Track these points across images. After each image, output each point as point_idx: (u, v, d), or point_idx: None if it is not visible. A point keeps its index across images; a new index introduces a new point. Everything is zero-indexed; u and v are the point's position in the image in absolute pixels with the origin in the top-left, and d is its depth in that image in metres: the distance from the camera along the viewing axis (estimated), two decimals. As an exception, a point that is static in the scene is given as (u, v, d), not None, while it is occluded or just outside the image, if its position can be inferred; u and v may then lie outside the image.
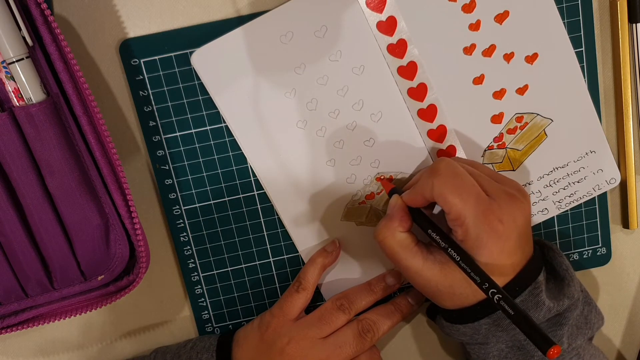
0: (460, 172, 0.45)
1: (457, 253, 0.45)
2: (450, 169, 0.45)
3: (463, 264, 0.44)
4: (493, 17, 0.49)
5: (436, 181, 0.45)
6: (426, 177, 0.46)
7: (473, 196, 0.44)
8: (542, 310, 0.46)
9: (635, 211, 0.55)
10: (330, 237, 0.53)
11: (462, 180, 0.45)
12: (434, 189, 0.45)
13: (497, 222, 0.44)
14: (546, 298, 0.46)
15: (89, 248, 0.48)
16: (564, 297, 0.47)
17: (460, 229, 0.45)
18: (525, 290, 0.46)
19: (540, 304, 0.46)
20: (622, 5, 0.50)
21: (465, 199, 0.44)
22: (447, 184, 0.45)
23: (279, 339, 0.50)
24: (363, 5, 0.48)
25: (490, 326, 0.47)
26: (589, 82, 0.52)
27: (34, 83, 0.44)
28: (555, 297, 0.47)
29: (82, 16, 0.48)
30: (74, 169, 0.45)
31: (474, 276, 0.43)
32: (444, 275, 0.46)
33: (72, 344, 0.55)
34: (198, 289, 0.54)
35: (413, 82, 0.50)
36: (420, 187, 0.46)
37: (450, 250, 0.45)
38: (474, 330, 0.47)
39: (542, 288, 0.46)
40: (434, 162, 0.47)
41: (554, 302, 0.46)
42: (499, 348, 0.48)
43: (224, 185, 0.52)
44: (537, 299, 0.46)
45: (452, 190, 0.44)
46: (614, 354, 0.60)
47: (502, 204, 0.44)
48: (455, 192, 0.44)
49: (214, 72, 0.48)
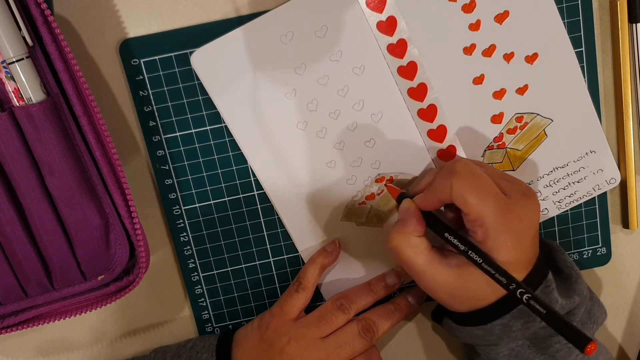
0: (478, 172, 0.45)
1: (478, 255, 0.44)
2: (468, 169, 0.45)
3: (486, 266, 0.43)
4: (493, 17, 0.49)
5: (455, 181, 0.44)
6: (443, 178, 0.45)
7: (492, 196, 0.44)
8: (556, 307, 0.46)
9: (635, 211, 0.55)
10: (330, 237, 0.53)
11: (480, 180, 0.44)
12: (452, 189, 0.44)
13: (517, 221, 0.44)
14: (558, 296, 0.46)
15: (89, 248, 0.48)
16: (574, 294, 0.47)
17: (480, 230, 0.44)
18: (537, 289, 0.45)
19: (553, 302, 0.46)
20: (622, 5, 0.50)
21: (484, 198, 0.44)
22: (466, 184, 0.44)
23: (279, 339, 0.50)
24: (363, 5, 0.48)
25: (504, 327, 0.46)
26: (589, 82, 0.52)
27: (34, 83, 0.44)
28: (565, 295, 0.47)
29: (82, 16, 0.47)
30: (74, 169, 0.45)
31: (499, 277, 0.43)
32: (461, 278, 0.45)
33: (72, 344, 0.55)
34: (198, 289, 0.54)
35: (413, 82, 0.50)
36: (437, 188, 0.46)
37: (470, 253, 0.44)
38: (487, 332, 0.47)
39: (553, 286, 0.46)
40: (449, 163, 0.47)
41: (565, 299, 0.46)
42: (509, 347, 0.47)
43: (224, 185, 0.51)
44: (550, 297, 0.46)
45: (471, 190, 0.44)
46: (615, 353, 0.60)
47: (519, 203, 0.44)
48: (474, 192, 0.44)
49: (213, 72, 0.48)
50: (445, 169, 0.46)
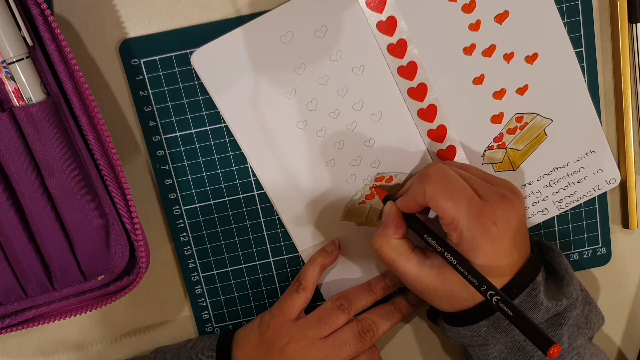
0: (451, 176, 0.45)
1: (453, 256, 0.45)
2: (440, 173, 0.46)
3: (460, 267, 0.44)
4: (493, 17, 0.49)
5: (428, 187, 0.45)
6: (417, 183, 0.46)
7: (465, 199, 0.44)
8: (540, 310, 0.46)
9: (635, 211, 0.55)
10: (330, 237, 0.53)
11: (453, 184, 0.45)
12: (426, 194, 0.45)
13: (490, 223, 0.44)
14: (544, 298, 0.46)
15: (89, 248, 0.48)
16: (563, 297, 0.47)
17: (454, 233, 0.45)
18: (523, 292, 0.46)
19: (538, 305, 0.46)
20: (622, 5, 0.50)
21: (458, 202, 0.44)
22: (438, 189, 0.45)
23: (279, 339, 0.50)
24: (363, 5, 0.48)
25: (489, 328, 0.47)
26: (589, 82, 0.52)
27: (34, 83, 0.44)
28: (554, 297, 0.47)
29: (82, 16, 0.48)
30: (74, 169, 0.45)
31: (471, 279, 0.43)
32: (442, 279, 0.46)
33: (72, 344, 0.55)
34: (198, 289, 0.54)
35: (413, 82, 0.50)
36: (413, 193, 0.46)
37: (446, 254, 0.45)
38: (474, 333, 0.47)
39: (541, 289, 0.46)
40: (425, 168, 0.47)
41: (552, 302, 0.46)
42: (499, 349, 0.48)
43: (224, 185, 0.52)
44: (535, 300, 0.46)
45: (444, 194, 0.44)
46: (615, 353, 0.60)
47: (495, 206, 0.44)
48: (447, 197, 0.44)
49: (213, 72, 0.48)
50: (420, 173, 0.47)
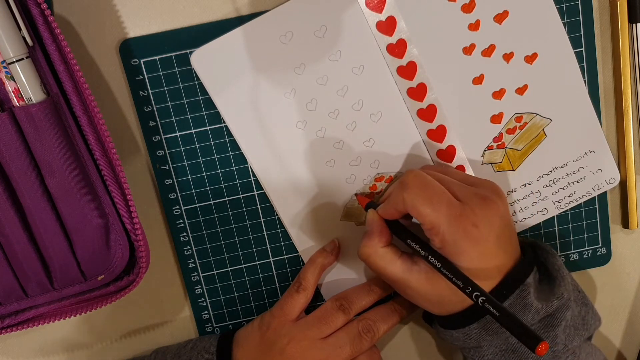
0: (428, 181, 0.46)
1: (437, 260, 0.45)
2: (418, 180, 0.46)
3: (444, 270, 0.44)
4: (492, 17, 0.49)
5: (406, 194, 0.45)
6: (396, 192, 0.46)
7: (444, 204, 0.44)
8: (530, 312, 0.46)
9: (635, 211, 0.55)
10: (330, 237, 0.53)
11: (431, 190, 0.45)
12: (405, 202, 0.45)
13: (471, 226, 0.44)
14: (534, 300, 0.46)
15: (89, 248, 0.48)
16: (553, 298, 0.47)
17: (436, 238, 0.45)
18: (513, 293, 0.45)
19: (528, 306, 0.46)
20: (622, 5, 0.50)
21: (437, 207, 0.44)
22: (417, 196, 0.45)
23: (279, 339, 0.50)
24: (363, 5, 0.48)
25: (480, 330, 0.47)
26: (589, 82, 0.52)
27: (34, 83, 0.44)
28: (544, 299, 0.47)
29: (82, 16, 0.48)
30: (74, 169, 0.45)
31: (456, 281, 0.43)
32: (431, 284, 0.46)
33: (72, 344, 0.55)
34: (198, 289, 0.54)
35: (413, 82, 0.50)
36: (393, 201, 0.47)
37: (430, 258, 0.45)
38: (466, 336, 0.47)
39: (530, 290, 0.46)
40: (402, 176, 0.47)
41: (542, 303, 0.46)
42: (492, 352, 0.48)
43: (224, 185, 0.52)
44: (524, 302, 0.46)
45: (422, 201, 0.45)
46: (614, 354, 0.60)
47: (475, 208, 0.44)
48: (426, 203, 0.44)
49: (213, 72, 0.48)
50: (398, 181, 0.47)
